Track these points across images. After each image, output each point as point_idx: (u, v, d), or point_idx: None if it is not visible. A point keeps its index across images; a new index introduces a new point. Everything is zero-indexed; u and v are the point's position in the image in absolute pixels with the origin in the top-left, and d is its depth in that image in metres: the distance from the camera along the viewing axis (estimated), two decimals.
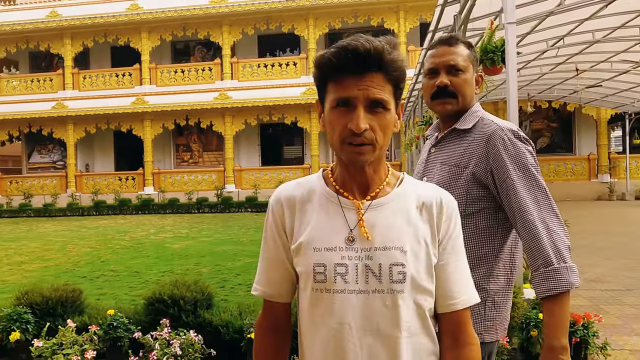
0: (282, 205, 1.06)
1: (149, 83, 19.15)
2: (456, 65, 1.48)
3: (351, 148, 0.96)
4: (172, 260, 7.48)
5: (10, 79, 20.80)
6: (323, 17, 18.13)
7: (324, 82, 0.99)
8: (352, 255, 0.97)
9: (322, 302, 0.98)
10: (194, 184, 18.84)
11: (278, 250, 1.07)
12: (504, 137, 1.42)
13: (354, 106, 0.94)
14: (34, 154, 21.62)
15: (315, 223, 1.02)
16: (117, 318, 3.31)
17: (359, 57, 0.92)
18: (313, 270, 0.99)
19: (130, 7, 18.64)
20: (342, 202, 1.02)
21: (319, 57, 0.98)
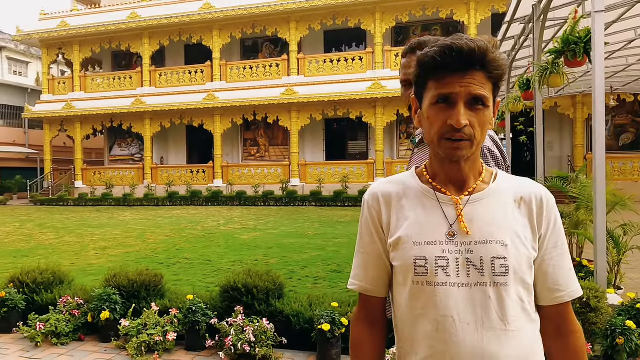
0: (378, 201, 1.09)
1: (220, 79, 19.85)
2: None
3: (450, 143, 0.98)
4: (241, 250, 7.75)
5: (95, 77, 22.36)
6: (390, 11, 17.91)
7: (424, 79, 1.02)
8: (452, 249, 1.00)
9: (423, 294, 1.00)
10: (260, 177, 19.34)
11: (375, 246, 1.09)
12: None
13: (455, 102, 0.97)
14: (115, 147, 23.17)
15: (413, 218, 1.04)
16: (195, 303, 3.49)
17: (463, 56, 0.95)
18: (414, 264, 1.01)
19: (203, 6, 19.39)
20: (439, 197, 1.05)
21: (422, 56, 1.01)
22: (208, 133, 20.21)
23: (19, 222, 13.00)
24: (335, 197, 16.47)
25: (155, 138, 21.20)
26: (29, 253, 7.91)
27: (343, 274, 5.71)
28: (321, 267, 6.20)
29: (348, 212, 14.15)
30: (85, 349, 3.66)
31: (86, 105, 21.14)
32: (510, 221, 1.01)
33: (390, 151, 19.14)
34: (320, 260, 6.65)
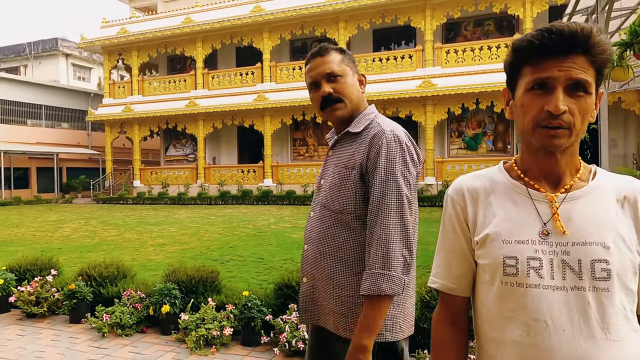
0: (463, 196, 1.04)
1: (270, 80, 20.17)
2: (333, 72, 1.51)
3: (545, 131, 0.91)
4: (292, 248, 7.84)
5: (151, 80, 23.32)
6: (441, 7, 17.55)
7: (519, 65, 0.96)
8: (546, 249, 0.94)
9: (513, 296, 0.95)
10: (310, 176, 19.48)
11: (459, 242, 1.05)
12: (382, 139, 1.43)
13: (553, 88, 0.91)
14: (170, 148, 24.06)
15: (502, 215, 0.99)
16: (251, 299, 3.58)
17: (564, 38, 0.89)
18: (503, 263, 0.95)
19: (254, 9, 19.77)
20: (532, 194, 0.98)
21: (517, 41, 0.95)
22: (258, 133, 20.60)
23: (84, 219, 13.77)
24: None
25: (207, 139, 21.83)
26: (94, 248, 8.36)
27: None
28: None
29: None
30: (147, 340, 3.83)
31: (144, 107, 22.09)
32: (613, 222, 0.94)
33: (441, 150, 18.77)
34: None
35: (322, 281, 1.49)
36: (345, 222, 1.46)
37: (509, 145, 18.03)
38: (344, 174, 1.48)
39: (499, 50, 16.71)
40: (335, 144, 1.59)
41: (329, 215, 1.49)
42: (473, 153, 18.45)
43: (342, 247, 1.46)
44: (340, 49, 1.57)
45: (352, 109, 1.53)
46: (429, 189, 16.95)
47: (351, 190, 1.45)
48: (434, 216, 12.47)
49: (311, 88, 1.56)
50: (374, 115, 1.55)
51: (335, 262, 1.46)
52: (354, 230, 1.45)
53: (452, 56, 17.45)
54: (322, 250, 1.49)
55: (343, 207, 1.46)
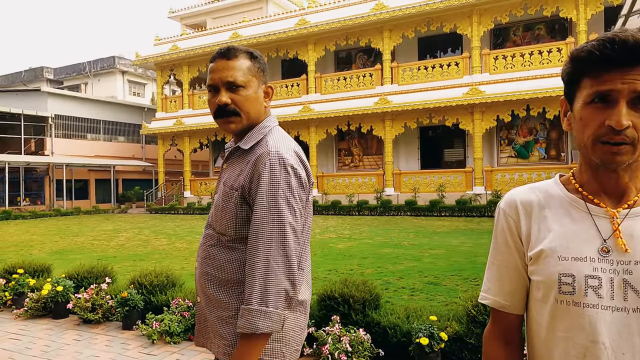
0: (517, 209, 1.00)
1: (314, 92, 20.38)
2: (235, 82, 1.36)
3: (607, 147, 0.86)
4: (337, 259, 7.83)
5: (201, 94, 24.12)
6: (488, 12, 17.19)
7: (578, 77, 0.91)
8: (605, 267, 0.89)
9: (567, 315, 0.91)
10: (355, 186, 19.45)
11: (512, 257, 1.00)
12: (266, 162, 1.31)
13: (615, 101, 0.85)
14: (218, 159, 24.72)
15: (558, 230, 0.94)
16: None
17: (628, 48, 0.83)
18: (558, 280, 0.91)
19: (299, 22, 20.11)
20: (590, 209, 0.93)
21: (576, 50, 0.91)
22: (303, 144, 20.82)
23: (138, 228, 14.35)
24: (431, 207, 16.04)
25: None
26: (146, 257, 8.68)
27: (440, 287, 5.53)
28: (417, 278, 6.06)
29: (445, 222, 13.70)
30: (194, 348, 3.92)
31: (194, 121, 22.86)
32: None
33: (490, 158, 18.26)
34: (417, 272, 6.50)
35: (206, 302, 1.42)
36: (225, 243, 1.38)
37: (563, 153, 17.30)
38: (227, 195, 1.39)
39: (550, 54, 16.14)
40: (229, 158, 1.48)
41: (212, 235, 1.43)
42: (524, 161, 17.82)
43: (224, 268, 1.37)
44: (251, 54, 1.43)
45: (249, 123, 1.41)
46: (478, 198, 16.48)
47: (232, 212, 1.36)
48: (483, 227, 12.11)
49: (209, 90, 1.42)
50: (268, 130, 1.42)
51: (217, 283, 1.38)
52: (235, 251, 1.37)
53: (501, 62, 17.00)
54: (205, 270, 1.42)
55: (224, 228, 1.38)
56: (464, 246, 8.76)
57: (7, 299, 5.30)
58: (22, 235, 13.25)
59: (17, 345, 4.12)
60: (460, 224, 12.95)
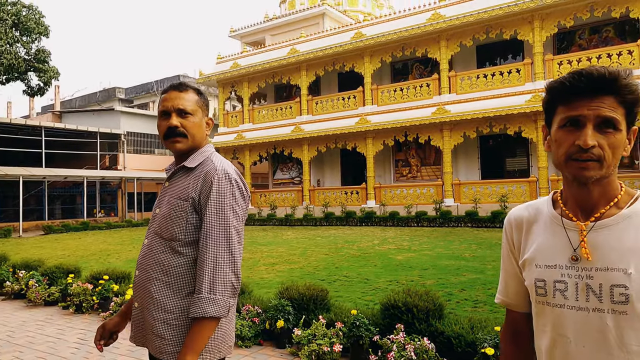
0: (511, 225, 1.21)
1: (371, 103, 20.51)
2: (185, 109, 1.62)
3: (576, 164, 1.01)
4: (397, 270, 7.87)
5: (260, 109, 24.93)
6: (551, 17, 16.64)
7: (554, 105, 1.08)
8: (572, 273, 1.04)
9: (543, 313, 1.09)
10: (413, 197, 19.29)
11: (511, 265, 1.21)
12: (214, 176, 1.55)
13: (583, 125, 1.01)
14: (277, 171, 25.37)
15: (539, 242, 1.12)
16: (359, 318, 3.73)
17: (592, 80, 1.00)
18: (535, 285, 1.10)
19: (355, 35, 20.39)
20: (565, 223, 1.09)
21: (550, 83, 1.08)
22: (360, 155, 20.95)
23: None
24: (493, 218, 15.61)
25: (312, 162, 22.68)
26: None
27: None
28: (481, 290, 6.00)
29: None
30: (264, 352, 4.15)
31: (254, 134, 23.64)
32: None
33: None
34: (480, 284, 6.43)
35: (149, 305, 1.56)
36: (174, 248, 1.55)
37: (637, 161, 16.31)
38: (176, 205, 1.57)
39: (620, 57, 15.35)
40: (172, 176, 1.69)
41: (160, 243, 1.58)
42: None
43: (170, 273, 1.54)
44: (197, 90, 1.70)
45: (192, 145, 1.65)
46: None
47: (182, 220, 1.55)
48: None
49: (161, 116, 1.66)
50: (210, 154, 1.67)
51: (163, 286, 1.54)
52: (182, 256, 1.54)
53: (566, 67, 16.36)
54: (150, 275, 1.56)
55: (173, 235, 1.55)
56: None
57: (95, 303, 5.81)
58: (99, 245, 14.26)
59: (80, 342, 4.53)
60: None
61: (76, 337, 4.84)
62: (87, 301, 5.82)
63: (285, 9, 28.27)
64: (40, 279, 6.67)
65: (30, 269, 7.21)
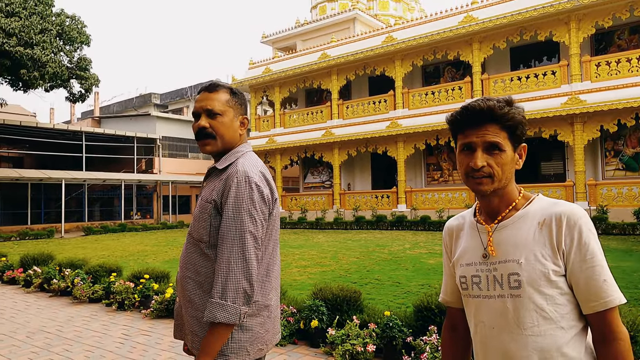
0: (446, 233, 1.44)
1: (402, 107, 20.46)
2: (213, 110, 1.62)
3: (473, 180, 1.24)
4: (429, 274, 7.87)
5: (291, 113, 25.21)
6: (588, 17, 16.25)
7: (455, 134, 1.30)
8: (483, 268, 1.27)
9: (468, 304, 1.32)
10: (444, 202, 19.12)
11: (448, 267, 1.43)
12: (234, 179, 1.54)
13: (474, 149, 1.23)
14: (308, 175, 25.57)
15: (463, 245, 1.35)
16: (392, 319, 3.80)
17: (476, 113, 1.22)
18: (459, 281, 1.33)
19: (386, 39, 20.41)
20: (479, 227, 1.32)
21: (448, 116, 1.30)
22: (391, 159, 20.91)
23: None
24: None
25: (342, 166, 22.77)
26: None
27: None
28: None
29: None
30: (298, 351, 4.26)
31: (285, 139, 23.93)
32: (530, 242, 1.21)
33: (594, 172, 17.06)
34: None
35: (185, 303, 1.62)
36: (202, 250, 1.58)
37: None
38: (203, 207, 1.60)
39: None
40: (207, 177, 1.71)
41: (192, 243, 1.63)
42: (634, 174, 16.42)
43: (200, 272, 1.58)
44: (230, 89, 1.69)
45: (223, 146, 1.64)
46: None
47: (207, 222, 1.57)
48: None
49: (194, 117, 1.68)
50: (241, 154, 1.65)
51: (195, 285, 1.58)
52: (209, 258, 1.57)
53: (604, 69, 15.94)
54: (185, 274, 1.62)
55: (200, 236, 1.59)
56: None
57: (136, 301, 6.07)
58: (137, 246, 14.74)
59: (149, 340, 4.75)
60: None
61: (120, 333, 5.09)
62: (129, 299, 6.08)
63: (316, 14, 28.53)
64: (84, 277, 7.00)
65: (75, 268, 7.57)
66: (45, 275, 7.60)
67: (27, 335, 5.13)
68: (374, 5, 28.82)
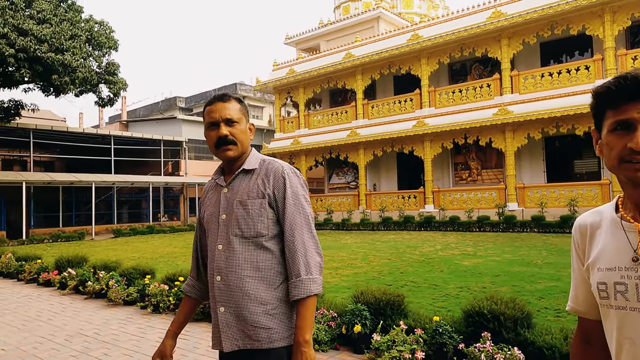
0: (578, 231, 1.22)
1: (428, 106, 20.15)
2: (232, 118, 1.71)
3: (630, 165, 1.02)
4: (465, 276, 7.64)
5: (316, 114, 25.13)
6: (623, 9, 15.68)
7: (602, 109, 1.08)
8: (632, 274, 1.04)
9: (608, 316, 1.09)
10: (473, 202, 18.73)
11: (580, 271, 1.20)
12: (284, 172, 1.69)
13: (633, 127, 1.01)
14: (333, 176, 25.42)
15: (601, 246, 1.13)
16: (441, 325, 3.63)
17: (638, 83, 1.00)
18: (597, 289, 1.10)
19: (411, 37, 20.13)
20: (624, 225, 1.09)
21: (596, 88, 1.09)
22: (417, 159, 20.60)
23: None
24: (562, 223, 14.83)
25: (368, 166, 22.56)
26: None
27: None
28: (561, 299, 5.69)
29: None
30: (341, 357, 4.12)
31: (309, 140, 23.85)
32: None
33: None
34: (558, 292, 6.11)
35: (246, 304, 1.61)
36: (260, 244, 1.64)
37: None
38: (253, 204, 1.66)
39: None
40: (232, 182, 1.74)
41: (243, 243, 1.65)
42: None
43: (261, 268, 1.63)
44: (238, 99, 1.78)
45: (242, 151, 1.74)
46: None
47: (263, 216, 1.65)
48: None
49: (209, 127, 1.74)
50: (261, 156, 1.79)
51: (257, 282, 1.62)
52: (269, 251, 1.65)
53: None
54: (241, 275, 1.63)
55: (258, 232, 1.64)
56: None
57: (171, 304, 6.03)
58: (166, 248, 14.85)
59: (187, 344, 4.68)
60: None
61: (157, 337, 5.04)
62: (164, 302, 6.05)
63: (340, 14, 28.39)
64: (119, 279, 7.01)
65: (110, 270, 7.60)
66: (80, 278, 7.65)
67: (65, 339, 5.13)
68: (398, 3, 28.52)
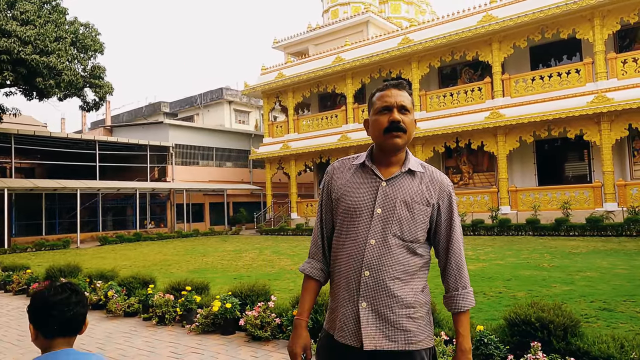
0: None
1: (419, 110, 20.10)
2: (405, 106, 1.67)
3: None
4: (476, 281, 7.45)
5: (305, 119, 24.90)
6: (612, 13, 15.88)
7: None
8: None
9: None
10: (466, 205, 18.70)
11: None
12: (448, 187, 1.71)
13: None
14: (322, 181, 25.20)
15: None
16: (486, 334, 3.42)
17: None
18: None
19: (402, 41, 20.10)
20: None
21: None
22: None
23: (257, 249, 14.94)
24: (557, 226, 14.86)
25: None
26: (279, 277, 8.96)
27: (617, 313, 5.01)
28: (584, 303, 5.55)
29: (577, 242, 12.59)
30: None
31: (299, 144, 23.61)
32: None
33: (622, 172, 16.61)
34: (577, 296, 5.97)
35: (390, 304, 1.60)
36: (413, 250, 1.63)
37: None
38: (419, 210, 1.65)
39: None
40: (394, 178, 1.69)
41: (399, 244, 1.62)
42: None
43: (409, 271, 1.62)
44: (410, 91, 1.76)
45: (408, 141, 1.69)
46: (611, 216, 14.98)
47: (424, 224, 1.66)
48: (627, 247, 10.94)
49: (381, 111, 1.68)
50: (416, 158, 1.76)
51: (403, 285, 1.61)
52: (419, 257, 1.65)
53: (631, 66, 15.54)
54: (390, 274, 1.61)
55: (416, 237, 1.64)
56: (618, 268, 7.93)
57: (177, 315, 5.70)
58: (156, 255, 14.40)
59: (202, 359, 4.38)
60: (597, 244, 11.81)
61: (168, 351, 4.72)
62: (170, 313, 5.72)
63: (329, 18, 28.29)
64: (118, 289, 6.65)
65: (107, 280, 7.22)
66: None
67: None
68: (386, 8, 28.57)
